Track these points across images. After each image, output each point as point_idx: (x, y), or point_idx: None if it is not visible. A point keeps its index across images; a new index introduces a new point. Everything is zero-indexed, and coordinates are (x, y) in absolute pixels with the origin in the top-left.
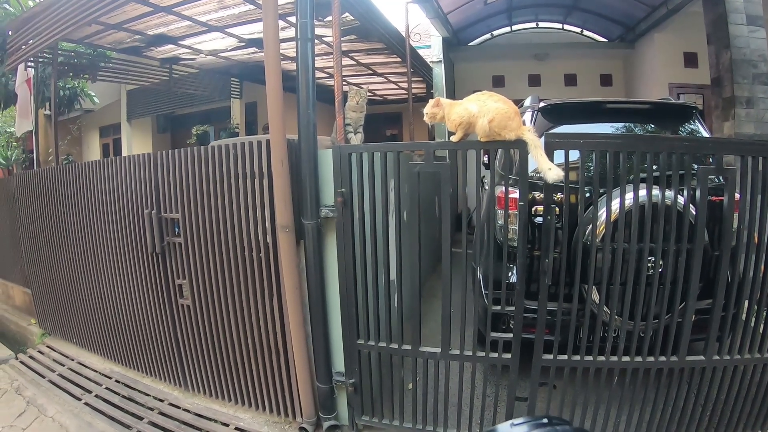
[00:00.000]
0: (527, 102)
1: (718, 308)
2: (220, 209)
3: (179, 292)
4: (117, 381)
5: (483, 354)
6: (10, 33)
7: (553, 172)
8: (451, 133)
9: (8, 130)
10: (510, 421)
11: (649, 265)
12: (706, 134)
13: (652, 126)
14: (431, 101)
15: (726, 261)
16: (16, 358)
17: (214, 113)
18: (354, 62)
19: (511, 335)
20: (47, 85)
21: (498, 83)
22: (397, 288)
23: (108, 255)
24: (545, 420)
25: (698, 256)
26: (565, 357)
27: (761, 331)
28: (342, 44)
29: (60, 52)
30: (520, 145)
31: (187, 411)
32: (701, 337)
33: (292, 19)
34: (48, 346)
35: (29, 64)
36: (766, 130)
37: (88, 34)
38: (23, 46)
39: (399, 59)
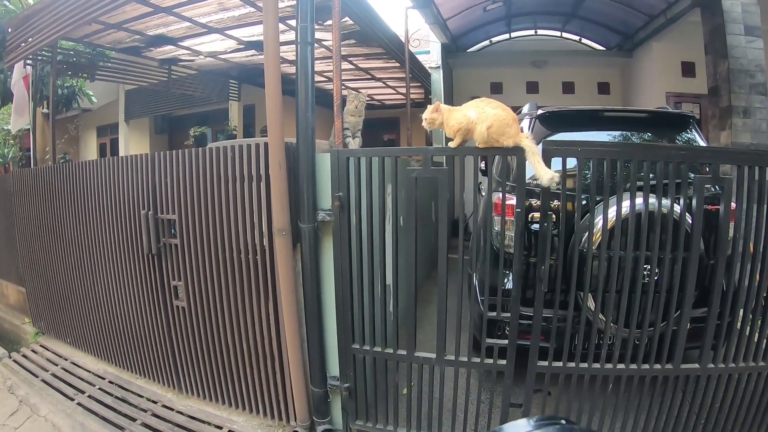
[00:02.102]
0: (525, 109)
1: (713, 317)
2: (216, 211)
3: (174, 293)
4: (110, 382)
5: (478, 360)
6: (9, 30)
7: (548, 175)
8: (449, 139)
9: (5, 127)
10: (527, 418)
11: (645, 273)
12: (702, 143)
13: (649, 134)
14: (430, 106)
15: (721, 270)
16: (10, 357)
17: (212, 115)
18: (353, 67)
19: (506, 341)
20: (46, 83)
21: (496, 90)
22: (392, 293)
23: (103, 255)
24: (563, 421)
25: (694, 264)
26: (560, 364)
27: (756, 339)
28: (341, 48)
29: (59, 50)
30: (518, 152)
31: (181, 413)
32: (696, 345)
33: (292, 22)
34: (42, 346)
35: (28, 62)
36: (763, 140)
37: (88, 33)
38: (22, 44)
39: (398, 64)
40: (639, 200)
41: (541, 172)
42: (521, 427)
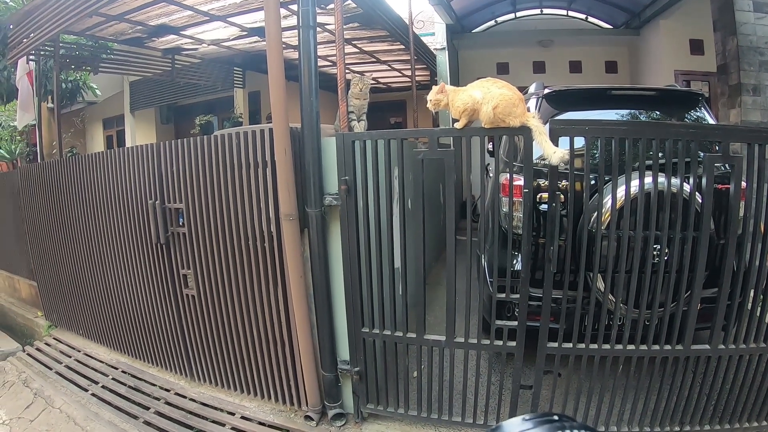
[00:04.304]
0: (532, 89)
1: (724, 297)
2: (223, 199)
3: (184, 282)
4: (123, 371)
5: (488, 342)
6: (11, 27)
7: (557, 154)
8: (455, 120)
9: (11, 123)
10: (522, 416)
11: (655, 253)
12: (712, 121)
13: (658, 113)
14: (435, 87)
15: (732, 249)
16: (23, 351)
17: (217, 103)
18: (357, 50)
19: (515, 323)
20: (49, 78)
21: (502, 70)
22: (401, 276)
23: (113, 246)
24: (555, 417)
25: (704, 244)
26: (570, 345)
27: (766, 320)
28: (344, 32)
29: (61, 44)
30: (525, 131)
31: (193, 400)
32: (706, 325)
33: (294, 7)
34: (54, 338)
35: (31, 57)
36: None
37: (89, 26)
38: (24, 40)
39: (402, 47)
40: (648, 179)
41: (549, 150)
42: (516, 426)
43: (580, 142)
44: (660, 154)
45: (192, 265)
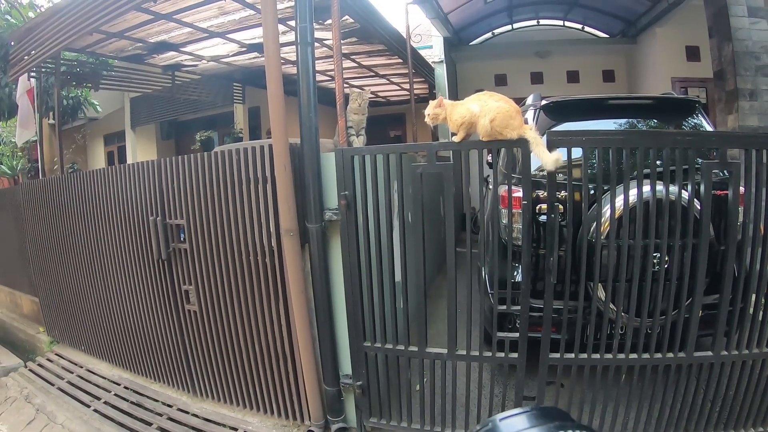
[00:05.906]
0: (529, 100)
1: (725, 303)
2: (224, 215)
3: (186, 297)
4: (126, 387)
5: (490, 354)
6: (12, 44)
7: (551, 157)
8: (453, 134)
9: (12, 140)
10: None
11: (655, 261)
12: (709, 128)
13: (655, 121)
14: (433, 102)
15: (732, 255)
16: (25, 367)
17: (217, 119)
18: (355, 64)
19: (517, 334)
20: (50, 94)
21: (500, 82)
22: (402, 289)
23: (114, 262)
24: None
25: (704, 251)
26: (572, 355)
27: None
28: (342, 47)
29: (62, 61)
30: (522, 143)
31: (196, 416)
32: (708, 332)
33: (292, 23)
34: (57, 354)
35: (32, 74)
36: None
37: (90, 43)
38: (26, 57)
39: (401, 60)
40: (646, 188)
41: (545, 158)
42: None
43: (578, 152)
44: (658, 162)
45: (193, 281)
